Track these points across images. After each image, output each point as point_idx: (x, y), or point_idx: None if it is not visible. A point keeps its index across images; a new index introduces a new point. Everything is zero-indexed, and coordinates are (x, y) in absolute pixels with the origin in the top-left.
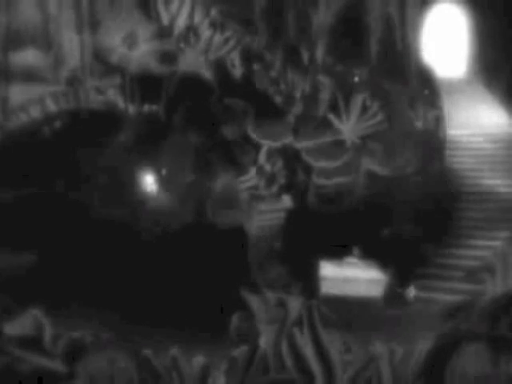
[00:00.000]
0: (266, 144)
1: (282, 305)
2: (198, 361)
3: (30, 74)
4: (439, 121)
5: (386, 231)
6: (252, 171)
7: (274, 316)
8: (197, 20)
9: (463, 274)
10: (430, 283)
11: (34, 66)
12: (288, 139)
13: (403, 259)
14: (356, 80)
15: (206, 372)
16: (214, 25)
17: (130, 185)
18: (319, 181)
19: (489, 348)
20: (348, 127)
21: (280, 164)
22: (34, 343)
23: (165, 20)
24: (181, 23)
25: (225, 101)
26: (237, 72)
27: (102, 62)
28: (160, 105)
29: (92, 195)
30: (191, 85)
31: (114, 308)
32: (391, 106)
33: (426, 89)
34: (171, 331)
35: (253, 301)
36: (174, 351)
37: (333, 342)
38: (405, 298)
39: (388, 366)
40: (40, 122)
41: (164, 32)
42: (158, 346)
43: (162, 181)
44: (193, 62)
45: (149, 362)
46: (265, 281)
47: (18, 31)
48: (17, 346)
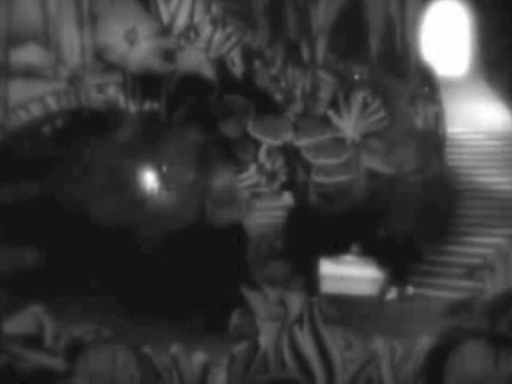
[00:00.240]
0: (267, 142)
1: (282, 302)
2: (198, 358)
3: (31, 72)
4: (439, 118)
5: (385, 229)
6: (252, 169)
7: (275, 313)
8: (197, 17)
9: (463, 272)
10: (430, 281)
11: (35, 63)
12: (288, 137)
13: (403, 257)
14: (356, 77)
15: (205, 369)
16: (215, 22)
17: (130, 183)
18: (319, 179)
19: (489, 347)
20: (348, 125)
21: (280, 162)
22: (34, 341)
23: (165, 17)
24: (181, 21)
25: (225, 98)
26: (237, 70)
27: (103, 60)
28: (161, 103)
29: (92, 193)
30: (192, 83)
31: (114, 305)
32: (392, 103)
33: (427, 86)
34: (171, 328)
35: (253, 298)
36: (174, 349)
37: (333, 340)
38: (403, 296)
39: (388, 363)
40: (41, 120)
41: (164, 30)
42: (159, 344)
43: (163, 178)
44: (193, 59)
45: (149, 359)
46: (265, 278)
47: (18, 29)
48: (17, 344)
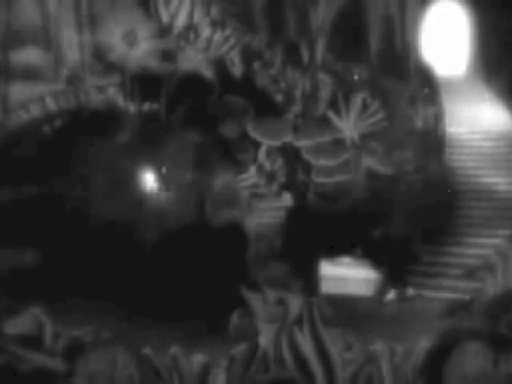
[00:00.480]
0: (266, 143)
1: (281, 303)
2: (198, 359)
3: (30, 73)
4: (439, 119)
5: (385, 230)
6: (252, 169)
7: (274, 314)
8: (197, 18)
9: (463, 273)
10: (430, 282)
11: (34, 64)
12: (288, 138)
13: (402, 258)
14: (356, 78)
15: (205, 370)
16: (215, 23)
17: (129, 183)
18: (319, 179)
19: (489, 347)
20: (348, 125)
21: (280, 162)
22: (34, 342)
23: (165, 18)
24: (181, 21)
25: (224, 98)
26: (237, 70)
27: (102, 61)
28: (160, 103)
29: (92, 194)
30: (191, 83)
31: (114, 306)
32: (391, 104)
33: (426, 87)
34: (171, 329)
35: (252, 299)
36: (174, 350)
37: (333, 341)
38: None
39: (388, 364)
40: (40, 120)
41: (164, 30)
42: (158, 345)
43: (162, 179)
44: (193, 60)
45: (149, 360)
46: (264, 279)
47: (17, 30)
48: (17, 344)
